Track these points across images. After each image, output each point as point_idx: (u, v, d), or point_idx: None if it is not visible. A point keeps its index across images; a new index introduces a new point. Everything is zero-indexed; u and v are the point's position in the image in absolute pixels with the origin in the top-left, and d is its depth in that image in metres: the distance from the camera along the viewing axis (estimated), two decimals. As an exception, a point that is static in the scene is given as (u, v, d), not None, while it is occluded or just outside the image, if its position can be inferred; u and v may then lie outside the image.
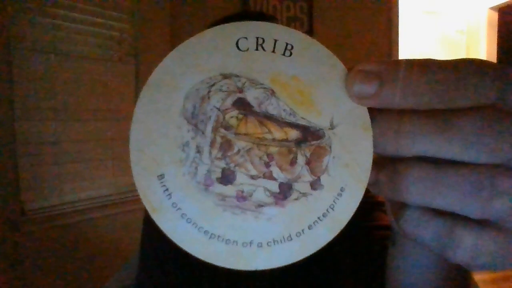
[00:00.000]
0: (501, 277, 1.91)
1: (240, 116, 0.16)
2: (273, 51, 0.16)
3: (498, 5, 2.77)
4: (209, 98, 0.16)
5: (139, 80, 1.50)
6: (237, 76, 0.16)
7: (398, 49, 2.06)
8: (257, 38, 0.16)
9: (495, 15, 2.82)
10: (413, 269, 0.23)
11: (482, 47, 2.86)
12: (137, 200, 0.15)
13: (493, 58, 2.80)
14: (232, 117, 0.16)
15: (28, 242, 1.23)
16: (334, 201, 0.16)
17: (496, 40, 2.82)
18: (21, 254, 1.21)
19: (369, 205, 0.44)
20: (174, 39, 1.59)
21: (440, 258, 0.16)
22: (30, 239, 1.23)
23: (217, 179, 0.16)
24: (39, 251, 1.25)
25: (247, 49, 0.16)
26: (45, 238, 1.26)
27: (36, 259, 1.24)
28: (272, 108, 0.16)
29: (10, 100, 1.17)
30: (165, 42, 1.57)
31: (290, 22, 1.83)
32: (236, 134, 0.16)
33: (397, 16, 2.06)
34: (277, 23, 0.55)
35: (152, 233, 0.51)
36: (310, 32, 1.84)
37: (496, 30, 2.82)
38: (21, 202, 1.22)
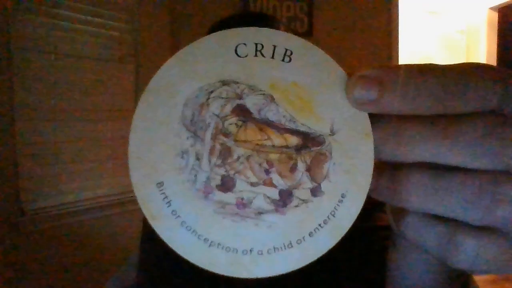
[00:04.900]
0: (501, 278, 1.91)
1: (240, 123, 0.16)
2: (272, 57, 0.15)
3: (498, 5, 2.77)
4: (208, 105, 0.15)
5: (139, 80, 1.50)
6: (236, 82, 0.15)
7: (398, 49, 2.06)
8: (256, 44, 0.15)
9: (495, 15, 2.81)
10: (414, 270, 0.23)
11: (482, 47, 2.86)
12: (137, 200, 0.15)
13: (493, 58, 2.80)
14: (231, 124, 0.16)
15: (28, 242, 1.23)
16: (335, 208, 0.16)
17: (496, 40, 2.82)
18: (21, 254, 1.21)
19: (369, 206, 0.44)
20: (174, 39, 1.59)
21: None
22: (30, 239, 1.23)
23: (217, 186, 0.15)
24: (39, 251, 1.25)
25: (246, 56, 0.15)
26: (45, 238, 1.26)
27: (36, 259, 1.24)
28: (271, 114, 0.16)
29: (10, 100, 1.17)
30: (165, 42, 1.57)
31: (290, 22, 1.83)
32: (236, 141, 0.16)
33: (398, 16, 2.05)
34: (278, 23, 0.55)
35: (151, 233, 0.51)
36: (309, 32, 1.83)
37: (496, 30, 2.81)
38: (21, 202, 1.22)
